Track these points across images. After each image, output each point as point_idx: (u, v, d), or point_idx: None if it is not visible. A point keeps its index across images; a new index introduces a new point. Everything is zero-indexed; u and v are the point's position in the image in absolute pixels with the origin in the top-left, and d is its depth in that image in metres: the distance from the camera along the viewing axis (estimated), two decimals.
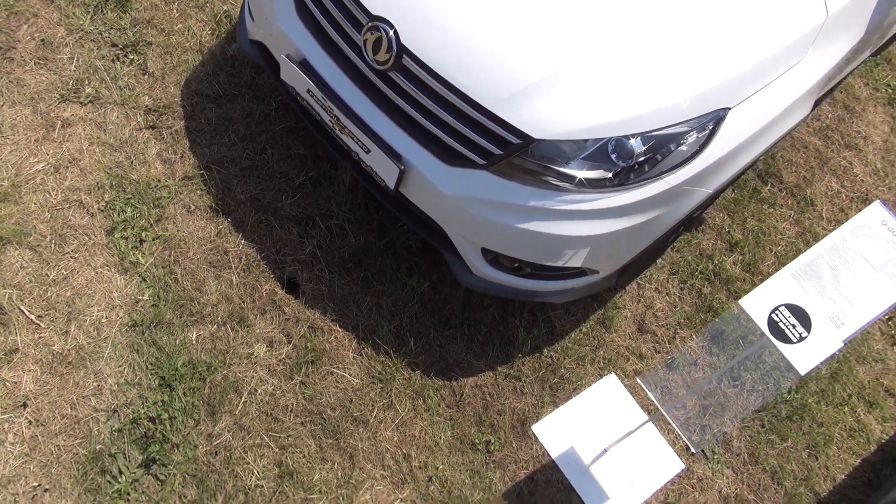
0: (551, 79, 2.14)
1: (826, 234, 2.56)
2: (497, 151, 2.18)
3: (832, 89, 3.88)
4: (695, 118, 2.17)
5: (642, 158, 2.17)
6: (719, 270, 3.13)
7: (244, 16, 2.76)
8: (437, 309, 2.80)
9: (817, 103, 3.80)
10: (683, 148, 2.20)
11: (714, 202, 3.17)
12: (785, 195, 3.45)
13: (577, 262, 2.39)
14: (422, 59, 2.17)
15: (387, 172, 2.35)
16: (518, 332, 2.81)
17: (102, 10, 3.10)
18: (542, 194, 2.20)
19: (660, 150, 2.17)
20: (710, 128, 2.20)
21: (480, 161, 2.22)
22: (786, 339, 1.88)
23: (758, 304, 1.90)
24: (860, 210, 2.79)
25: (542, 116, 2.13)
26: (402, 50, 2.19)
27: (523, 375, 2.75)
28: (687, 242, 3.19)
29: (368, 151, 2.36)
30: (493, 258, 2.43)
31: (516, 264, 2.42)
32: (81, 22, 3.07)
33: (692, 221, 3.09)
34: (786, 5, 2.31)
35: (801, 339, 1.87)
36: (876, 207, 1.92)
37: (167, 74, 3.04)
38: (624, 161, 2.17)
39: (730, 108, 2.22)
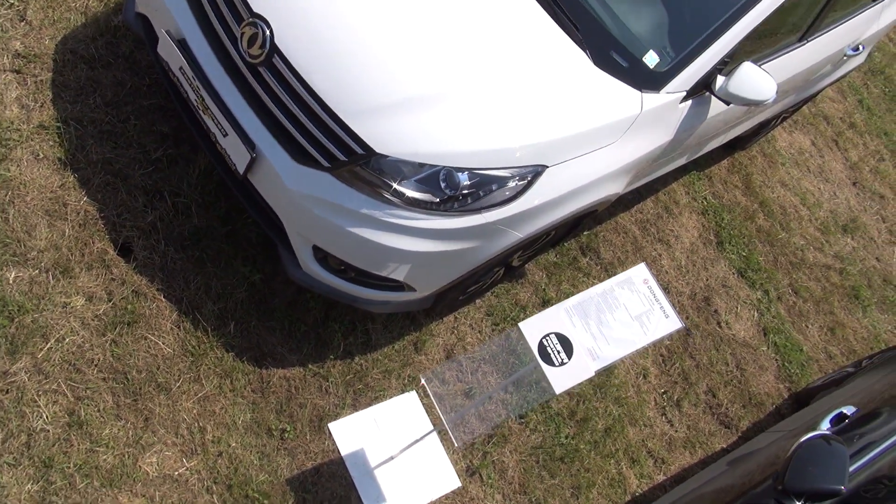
0: (405, 104, 2.41)
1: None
2: (342, 157, 2.41)
3: (657, 191, 4.42)
4: (517, 167, 2.50)
5: (466, 191, 2.46)
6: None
7: None
8: (263, 300, 2.95)
9: (640, 195, 4.31)
10: (504, 191, 2.52)
11: (534, 258, 3.53)
12: (599, 269, 3.88)
13: (398, 275, 2.63)
14: (290, 62, 2.39)
15: (239, 157, 2.52)
16: (336, 336, 3.00)
17: None
18: (374, 205, 2.44)
19: (483, 188, 2.48)
20: (529, 179, 2.54)
21: (326, 164, 2.44)
22: (550, 362, 2.18)
23: (533, 328, 2.20)
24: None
25: (388, 135, 2.39)
26: (275, 49, 2.40)
27: (331, 376, 2.92)
28: (506, 291, 3.52)
29: (226, 135, 2.53)
30: (322, 257, 2.63)
31: (342, 267, 2.63)
32: None
33: (512, 270, 3.43)
34: (609, 93, 2.72)
35: (563, 363, 2.18)
36: (641, 268, 2.29)
37: (45, 27, 3.09)
38: (451, 190, 2.46)
39: (548, 167, 2.56)
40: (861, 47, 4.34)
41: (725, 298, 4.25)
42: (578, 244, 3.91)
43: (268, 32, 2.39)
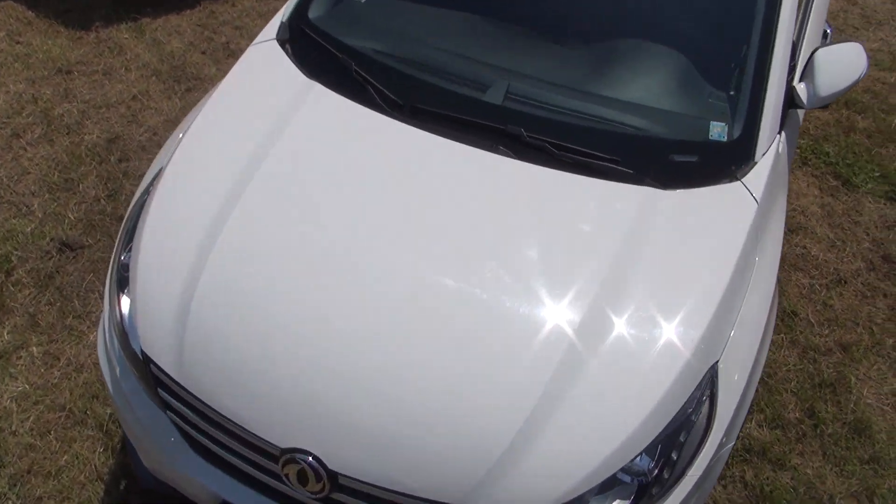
0: (511, 453, 1.71)
1: None
2: None
3: None
4: (693, 391, 1.81)
5: (657, 470, 1.78)
6: None
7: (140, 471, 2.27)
8: None
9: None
10: (695, 425, 1.82)
11: None
12: None
13: None
14: (363, 479, 1.74)
15: None
16: None
17: None
18: None
19: (672, 449, 1.79)
20: (710, 390, 1.85)
21: None
22: None
23: None
24: None
25: (525, 493, 1.71)
26: (334, 475, 1.76)
27: None
28: None
29: None
30: None
31: None
32: None
33: None
34: (706, 211, 2.02)
35: None
36: None
37: None
38: (639, 479, 1.78)
39: (718, 360, 1.87)
40: None
41: None
42: None
43: (310, 460, 1.75)
